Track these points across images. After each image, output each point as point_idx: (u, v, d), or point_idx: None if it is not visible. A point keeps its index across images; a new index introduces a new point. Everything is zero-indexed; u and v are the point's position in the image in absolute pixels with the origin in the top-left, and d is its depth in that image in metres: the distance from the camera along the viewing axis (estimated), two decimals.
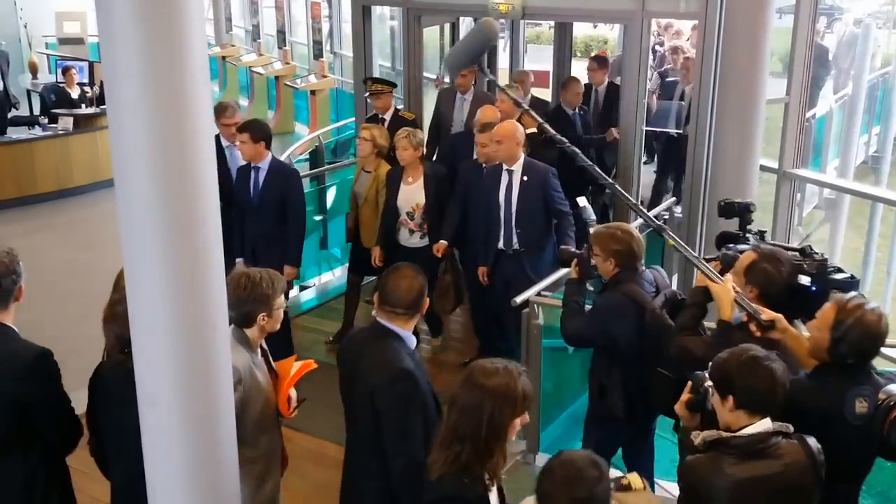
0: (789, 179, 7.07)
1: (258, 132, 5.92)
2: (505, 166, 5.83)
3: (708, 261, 3.78)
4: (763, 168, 6.79)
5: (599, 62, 8.92)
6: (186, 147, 2.74)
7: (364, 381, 3.45)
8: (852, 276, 3.55)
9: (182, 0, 2.64)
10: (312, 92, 13.39)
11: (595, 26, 17.15)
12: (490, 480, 2.80)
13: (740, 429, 2.84)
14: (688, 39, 12.23)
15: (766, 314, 3.37)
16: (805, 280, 3.47)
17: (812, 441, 2.88)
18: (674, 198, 7.59)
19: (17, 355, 3.32)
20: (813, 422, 3.04)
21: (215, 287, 2.93)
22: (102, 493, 3.77)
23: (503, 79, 9.26)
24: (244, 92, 16.28)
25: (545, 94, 10.26)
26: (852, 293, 3.25)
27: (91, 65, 12.92)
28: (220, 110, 6.48)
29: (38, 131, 11.19)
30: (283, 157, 8.52)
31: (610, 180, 3.88)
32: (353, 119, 9.26)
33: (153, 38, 2.62)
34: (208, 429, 3.01)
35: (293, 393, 3.80)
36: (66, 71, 12.07)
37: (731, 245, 3.91)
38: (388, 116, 7.17)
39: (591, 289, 4.44)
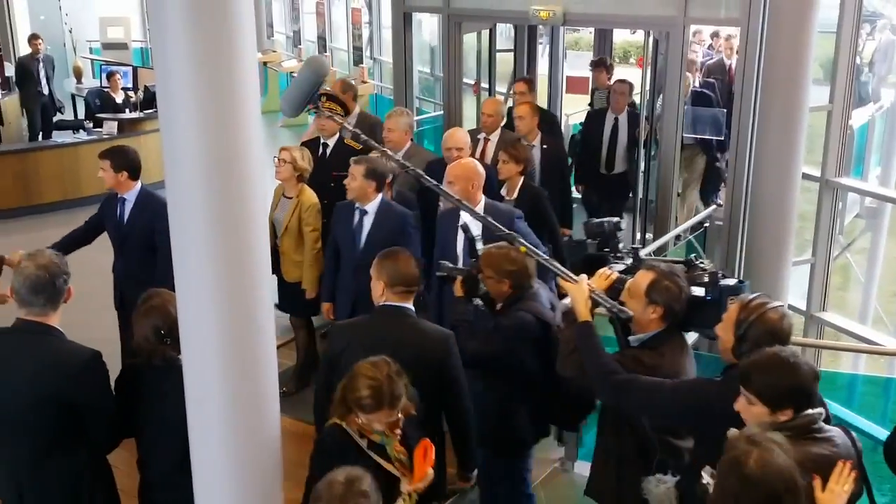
0: (831, 188, 7.01)
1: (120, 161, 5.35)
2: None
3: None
4: (805, 176, 6.73)
5: (530, 85, 8.03)
6: (236, 150, 2.80)
7: (417, 360, 3.54)
8: (741, 280, 3.56)
9: (233, 7, 2.70)
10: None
11: (633, 32, 17.07)
12: None
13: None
14: (709, 46, 12.16)
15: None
16: (699, 291, 3.43)
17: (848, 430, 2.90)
18: (714, 206, 7.56)
19: (68, 357, 3.39)
20: (721, 424, 3.04)
21: (261, 289, 2.99)
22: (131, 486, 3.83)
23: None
24: None
25: (584, 100, 10.27)
26: (758, 293, 3.24)
27: (135, 70, 13.12)
28: None
29: (82, 135, 11.39)
30: None
31: (469, 206, 4.03)
32: None
33: (205, 45, 2.68)
34: (254, 426, 3.06)
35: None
36: (110, 76, 12.26)
37: (610, 267, 3.77)
38: (331, 143, 6.45)
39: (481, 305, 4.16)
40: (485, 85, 8.90)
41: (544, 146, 6.88)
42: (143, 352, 3.50)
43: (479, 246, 4.17)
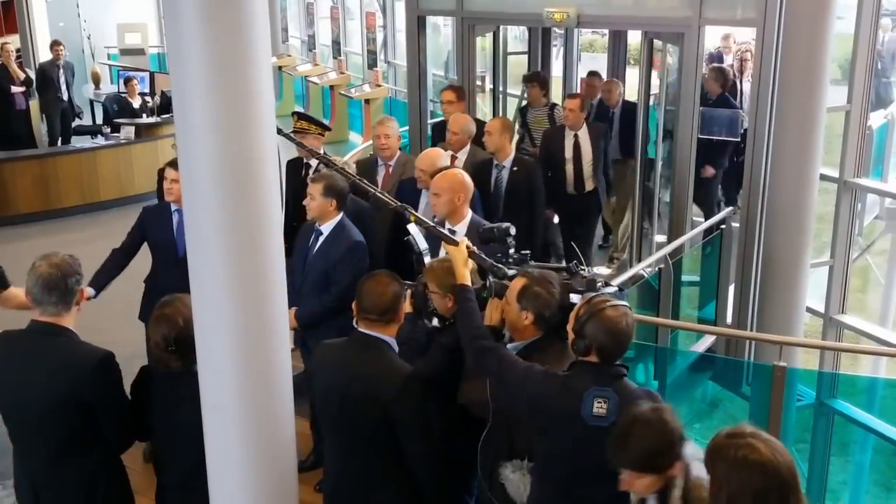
0: (850, 189, 6.95)
1: None
2: (448, 224, 4.79)
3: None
4: (823, 177, 6.68)
5: (458, 93, 7.27)
6: (251, 153, 2.82)
7: (366, 396, 3.42)
8: (621, 289, 3.54)
9: (247, 12, 2.71)
10: (366, 101, 13.52)
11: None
12: None
13: None
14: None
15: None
16: (576, 298, 3.39)
17: None
18: (731, 207, 7.50)
19: (81, 358, 3.41)
20: (555, 421, 3.07)
21: (276, 292, 3.00)
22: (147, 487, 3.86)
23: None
24: (299, 101, 16.51)
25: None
26: (602, 291, 3.21)
27: (152, 75, 13.25)
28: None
29: (100, 140, 11.49)
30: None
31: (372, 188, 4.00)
32: (405, 129, 9.16)
33: (220, 50, 2.70)
34: (269, 432, 3.08)
35: None
36: (127, 81, 12.38)
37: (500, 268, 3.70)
38: (314, 163, 6.01)
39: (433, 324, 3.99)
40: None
41: (514, 168, 6.24)
42: (154, 357, 3.53)
43: (427, 260, 4.02)
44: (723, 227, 6.90)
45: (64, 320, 3.45)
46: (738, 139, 8.14)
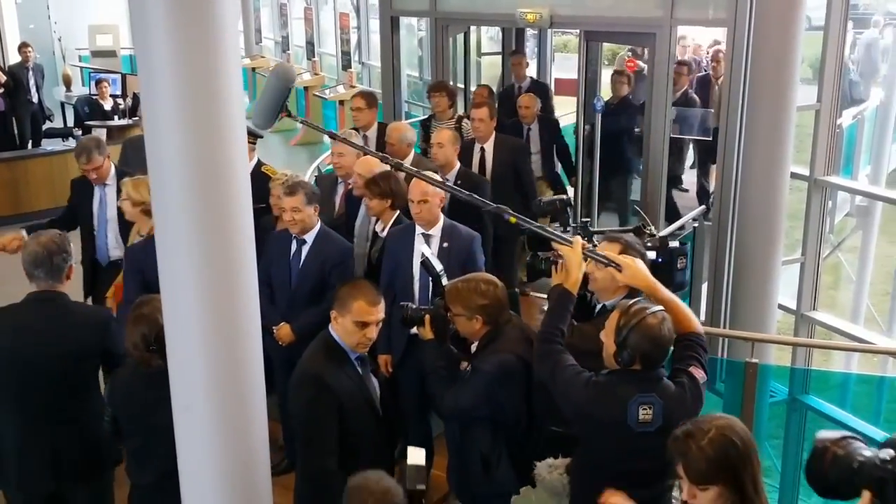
0: (820, 187, 7.01)
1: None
2: (420, 230, 4.68)
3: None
4: (794, 175, 6.74)
5: (368, 100, 6.77)
6: (220, 155, 2.79)
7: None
8: (683, 242, 3.77)
9: (216, 12, 2.69)
10: (341, 102, 13.50)
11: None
12: None
13: None
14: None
15: (620, 259, 3.37)
16: (651, 255, 3.59)
17: None
18: (703, 206, 7.55)
19: (91, 314, 3.95)
20: (600, 428, 3.11)
21: (248, 294, 2.97)
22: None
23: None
24: None
25: (571, 102, 10.26)
26: (638, 299, 3.21)
27: (123, 77, 13.12)
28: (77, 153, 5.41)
29: (71, 143, 11.36)
30: (311, 168, 8.55)
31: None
32: None
33: (188, 51, 2.67)
34: (241, 432, 3.04)
35: None
36: (98, 83, 12.26)
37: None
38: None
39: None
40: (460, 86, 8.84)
41: (458, 182, 5.70)
42: (134, 359, 3.52)
43: (445, 281, 3.81)
44: (696, 224, 6.94)
45: (57, 289, 3.79)
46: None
